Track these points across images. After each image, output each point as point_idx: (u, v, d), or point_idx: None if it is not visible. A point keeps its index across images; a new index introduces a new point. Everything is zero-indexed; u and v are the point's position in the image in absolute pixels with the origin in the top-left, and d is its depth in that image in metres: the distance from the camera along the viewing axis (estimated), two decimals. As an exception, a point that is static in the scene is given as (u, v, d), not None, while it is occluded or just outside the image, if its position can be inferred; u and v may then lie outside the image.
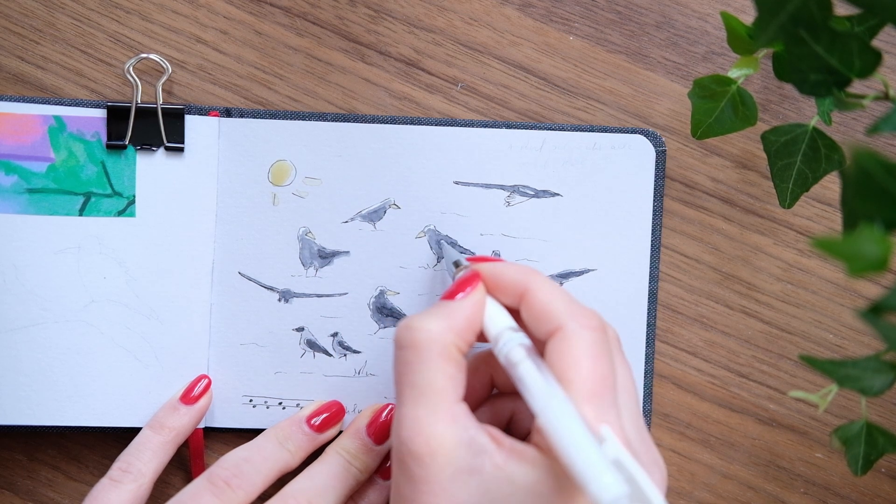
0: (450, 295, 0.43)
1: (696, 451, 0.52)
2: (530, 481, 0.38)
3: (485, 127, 0.51)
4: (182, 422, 0.49)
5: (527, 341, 0.41)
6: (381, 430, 0.50)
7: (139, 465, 0.48)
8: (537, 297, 0.42)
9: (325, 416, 0.50)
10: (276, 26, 0.52)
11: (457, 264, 0.46)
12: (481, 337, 0.43)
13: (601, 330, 0.41)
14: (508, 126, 0.51)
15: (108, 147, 0.50)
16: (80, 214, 0.50)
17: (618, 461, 0.37)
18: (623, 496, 0.35)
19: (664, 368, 0.52)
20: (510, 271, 0.44)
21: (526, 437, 0.42)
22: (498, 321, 0.43)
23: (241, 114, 0.51)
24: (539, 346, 0.42)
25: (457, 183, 0.51)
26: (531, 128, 0.51)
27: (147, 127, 0.50)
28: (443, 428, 0.39)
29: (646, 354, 0.51)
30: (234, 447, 0.49)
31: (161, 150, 0.50)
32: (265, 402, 0.51)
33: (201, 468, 0.51)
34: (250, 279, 0.51)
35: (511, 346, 0.41)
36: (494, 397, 0.48)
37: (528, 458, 0.39)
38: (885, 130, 0.35)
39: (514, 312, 0.43)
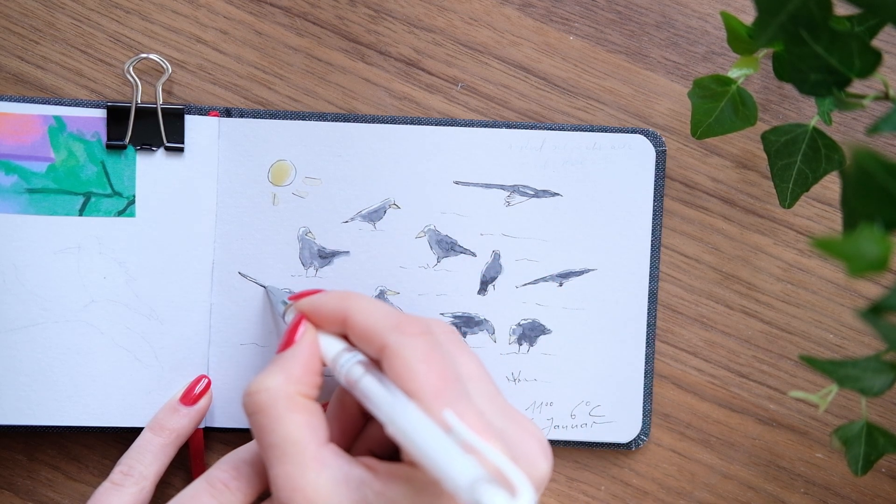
0: (283, 346, 0.43)
1: (696, 451, 0.52)
2: (409, 497, 0.39)
3: (485, 127, 0.51)
4: (182, 423, 0.49)
5: (361, 357, 0.41)
6: None
7: (140, 468, 0.48)
8: (357, 320, 0.42)
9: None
10: (276, 26, 0.52)
11: (284, 304, 0.46)
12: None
13: (426, 334, 0.41)
14: (508, 126, 0.51)
15: (108, 147, 0.50)
16: (80, 214, 0.50)
17: (466, 443, 0.37)
18: (479, 478, 0.35)
19: (664, 368, 0.52)
20: (327, 302, 0.43)
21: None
22: (331, 348, 0.43)
23: (241, 114, 0.51)
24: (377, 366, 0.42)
25: (457, 183, 0.51)
26: (531, 128, 0.51)
27: (147, 127, 0.50)
28: (315, 476, 0.39)
29: (646, 354, 0.51)
30: (234, 447, 0.49)
31: (161, 150, 0.50)
32: (265, 402, 0.51)
33: (201, 468, 0.51)
34: (250, 279, 0.51)
35: (348, 366, 0.41)
36: (370, 425, 0.47)
37: (402, 475, 0.39)
38: (885, 130, 0.35)
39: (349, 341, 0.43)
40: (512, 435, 0.41)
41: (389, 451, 0.45)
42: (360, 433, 0.46)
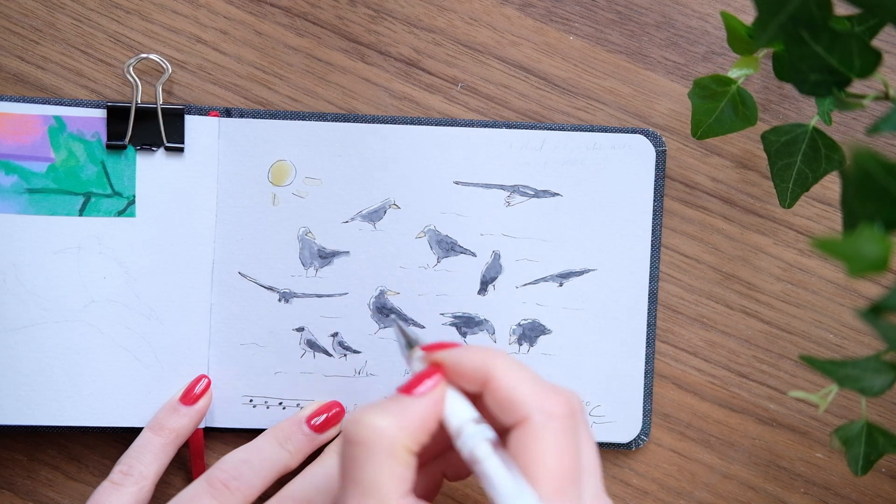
0: (407, 388, 0.41)
1: (696, 451, 0.52)
2: None
3: (485, 127, 0.51)
4: (182, 423, 0.49)
5: (491, 434, 0.40)
6: None
7: (140, 468, 0.48)
8: (500, 384, 0.40)
9: (325, 416, 0.50)
10: (276, 26, 0.52)
11: (410, 344, 0.44)
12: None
13: (568, 417, 0.40)
14: (508, 126, 0.51)
15: (108, 147, 0.50)
16: (80, 214, 0.50)
17: None
18: None
19: (664, 368, 0.52)
20: (471, 358, 0.41)
21: None
22: (459, 413, 0.41)
23: (241, 114, 0.51)
24: (501, 431, 0.41)
25: (457, 183, 0.51)
26: (531, 128, 0.51)
27: (147, 127, 0.50)
28: None
29: (646, 354, 0.51)
30: (235, 447, 0.49)
31: (161, 151, 0.50)
32: (265, 402, 0.51)
33: (202, 468, 0.51)
34: (250, 279, 0.51)
35: (475, 441, 0.40)
36: (452, 453, 0.46)
37: None
38: (885, 130, 0.35)
39: (475, 397, 0.42)
40: None
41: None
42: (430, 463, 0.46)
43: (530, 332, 0.51)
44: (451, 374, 0.42)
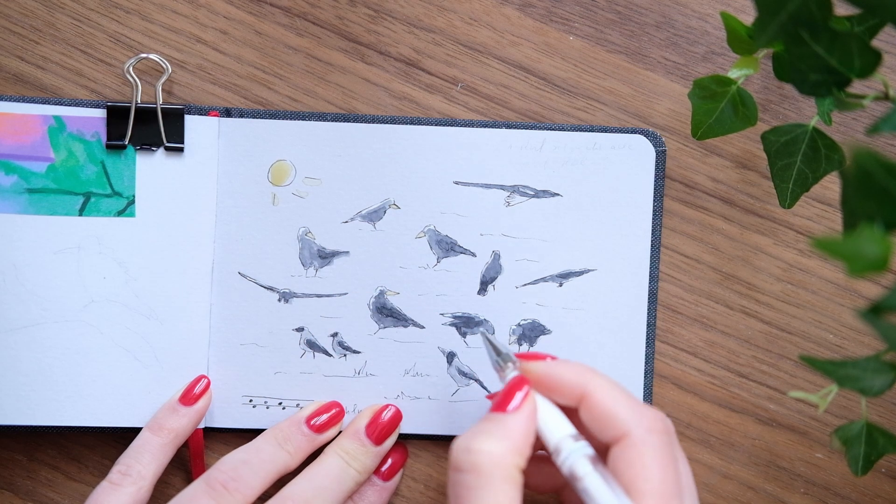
0: (500, 406, 0.41)
1: (696, 451, 0.52)
2: None
3: (485, 127, 0.51)
4: (181, 423, 0.49)
5: (590, 451, 0.40)
6: (380, 430, 0.50)
7: (139, 468, 0.48)
8: (599, 400, 0.41)
9: (325, 416, 0.50)
10: (276, 26, 0.52)
11: (504, 359, 0.44)
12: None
13: (666, 433, 0.41)
14: (508, 126, 0.51)
15: (108, 147, 0.50)
16: (80, 214, 0.50)
17: None
18: None
19: (664, 368, 0.52)
20: (567, 373, 0.42)
21: None
22: (556, 429, 0.41)
23: (241, 114, 0.51)
24: (596, 445, 0.41)
25: (457, 183, 0.51)
26: (531, 128, 0.51)
27: (147, 127, 0.50)
28: None
29: (646, 354, 0.51)
30: (234, 447, 0.49)
31: (161, 150, 0.50)
32: (265, 402, 0.51)
33: (201, 469, 0.51)
34: (250, 279, 0.51)
35: (575, 457, 0.40)
36: (545, 461, 0.47)
37: None
38: (885, 130, 0.35)
39: (568, 411, 0.42)
40: None
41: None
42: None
43: (530, 332, 0.51)
44: (545, 387, 0.42)
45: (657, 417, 0.41)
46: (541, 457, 0.46)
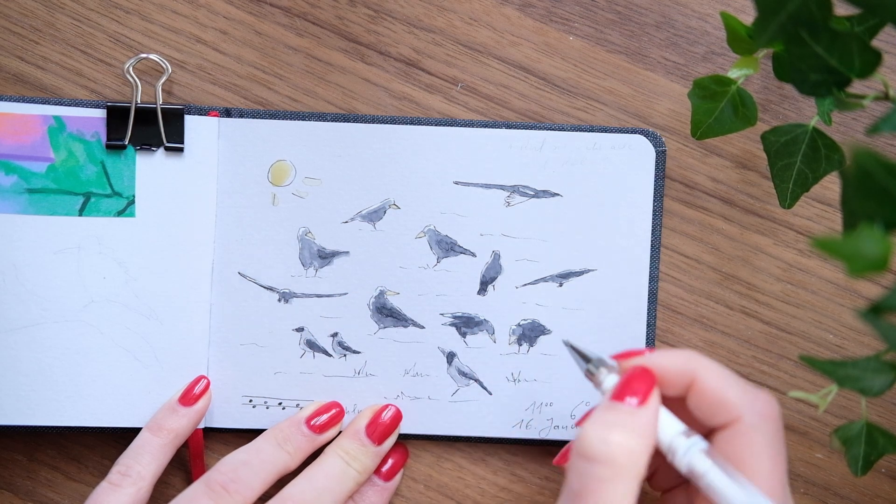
0: (619, 395, 0.40)
1: (696, 451, 0.52)
2: None
3: (485, 127, 0.51)
4: (181, 423, 0.49)
5: (704, 444, 0.40)
6: (380, 430, 0.50)
7: (138, 468, 0.48)
8: (709, 385, 0.40)
9: (325, 417, 0.50)
10: (276, 26, 0.52)
11: (595, 364, 0.43)
12: None
13: (777, 419, 0.40)
14: (508, 126, 0.51)
15: (108, 147, 0.50)
16: (80, 214, 0.50)
17: None
18: None
19: (664, 368, 0.52)
20: (674, 362, 0.41)
21: (664, 494, 0.43)
22: (665, 426, 0.41)
23: (241, 114, 0.51)
24: (700, 429, 0.41)
25: (457, 183, 0.51)
26: (531, 128, 0.51)
27: (147, 127, 0.50)
28: None
29: (646, 354, 0.51)
30: (234, 448, 0.49)
31: (161, 151, 0.50)
32: (265, 402, 0.51)
33: (201, 469, 0.51)
34: (250, 279, 0.51)
35: (692, 453, 0.40)
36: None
37: None
38: (885, 130, 0.35)
39: (670, 400, 0.42)
40: None
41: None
42: None
43: (530, 332, 0.51)
44: (656, 376, 0.42)
45: (769, 402, 0.40)
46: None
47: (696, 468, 0.40)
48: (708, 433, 0.41)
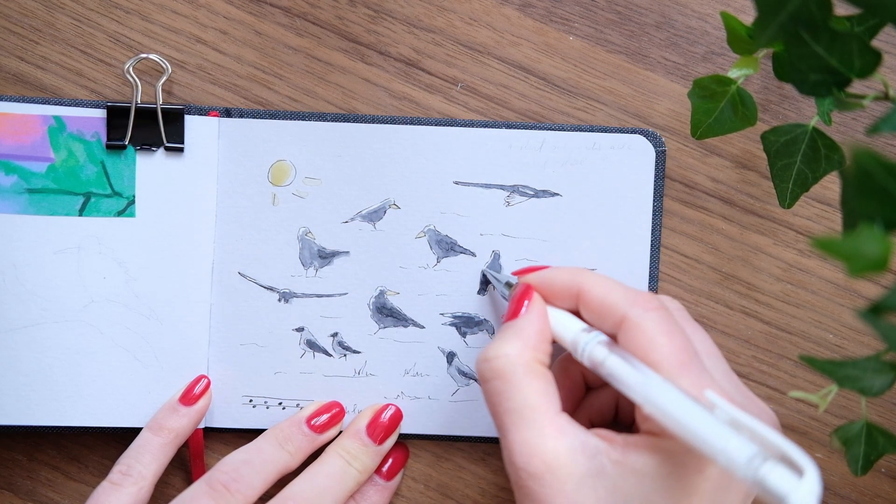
0: (511, 315, 0.44)
1: (696, 451, 0.52)
2: (654, 466, 0.39)
3: (485, 127, 0.51)
4: (181, 423, 0.49)
5: (603, 338, 0.42)
6: (381, 430, 0.50)
7: (139, 468, 0.48)
8: (593, 294, 0.43)
9: (325, 416, 0.50)
10: (276, 26, 0.52)
11: (509, 285, 0.47)
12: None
13: (662, 309, 0.42)
14: (508, 126, 0.51)
15: (108, 147, 0.50)
16: (80, 214, 0.50)
17: (734, 421, 0.37)
18: (755, 455, 0.35)
19: (664, 368, 0.52)
20: (560, 276, 0.44)
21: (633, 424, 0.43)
22: (568, 326, 0.43)
23: (241, 114, 0.51)
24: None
25: (457, 183, 0.51)
26: (531, 128, 0.51)
27: (147, 127, 0.50)
28: (553, 442, 0.40)
29: (646, 354, 0.51)
30: (234, 447, 0.49)
31: (161, 151, 0.50)
32: (265, 402, 0.51)
33: (201, 469, 0.51)
34: (250, 279, 0.51)
35: (591, 346, 0.42)
36: (591, 395, 0.48)
37: (645, 445, 0.40)
38: (885, 130, 0.35)
39: (574, 314, 0.44)
40: (752, 412, 0.41)
41: (607, 421, 0.47)
42: (580, 402, 0.48)
43: (530, 332, 0.51)
44: (545, 294, 0.45)
45: (650, 297, 0.42)
46: (589, 391, 0.48)
47: (596, 358, 0.41)
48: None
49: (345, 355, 0.51)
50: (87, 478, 0.52)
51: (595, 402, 0.48)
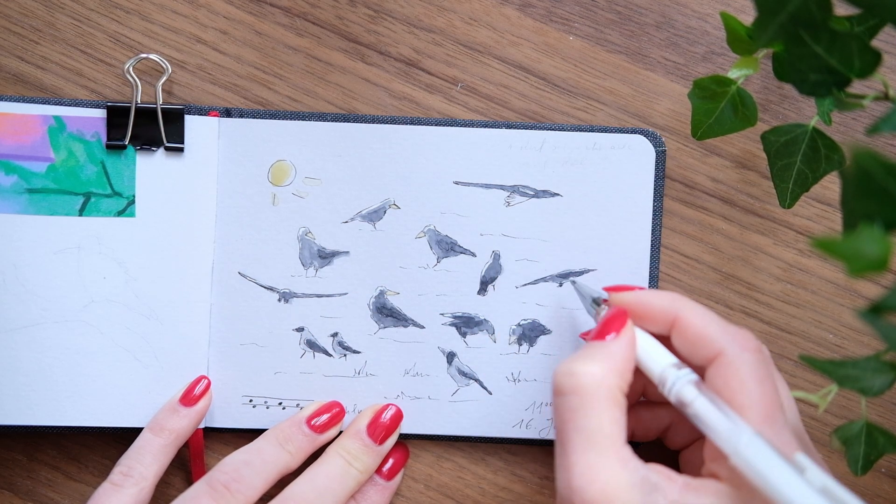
0: (600, 335, 0.43)
1: (696, 451, 0.52)
2: None
3: (485, 127, 0.51)
4: (182, 424, 0.49)
5: (694, 376, 0.42)
6: (381, 430, 0.50)
7: (140, 469, 0.48)
8: (691, 323, 0.42)
9: (325, 416, 0.50)
10: (276, 26, 0.52)
11: (597, 302, 0.47)
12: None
13: (759, 351, 0.42)
14: (508, 126, 0.51)
15: (108, 147, 0.50)
16: (80, 214, 0.50)
17: (826, 489, 0.37)
18: None
19: (664, 368, 0.52)
20: (658, 300, 0.44)
21: (682, 452, 0.44)
22: (657, 359, 0.43)
23: (241, 114, 0.51)
24: (695, 371, 0.42)
25: (457, 183, 0.51)
26: (531, 128, 0.51)
27: (147, 127, 0.50)
28: (616, 472, 0.39)
29: (646, 354, 0.51)
30: (235, 448, 0.49)
31: (161, 151, 0.50)
32: (265, 402, 0.51)
33: (201, 469, 0.51)
34: (250, 279, 0.51)
35: (680, 384, 0.41)
36: (643, 408, 0.48)
37: (709, 490, 0.39)
38: (885, 130, 0.35)
39: (662, 339, 0.44)
40: None
41: (653, 439, 0.47)
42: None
43: (530, 332, 0.51)
44: (638, 315, 0.44)
45: (748, 337, 0.42)
46: (643, 403, 0.48)
47: (684, 398, 0.41)
48: (699, 373, 0.43)
49: (345, 355, 0.51)
50: (87, 478, 0.52)
51: (643, 418, 0.48)
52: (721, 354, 0.41)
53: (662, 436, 0.49)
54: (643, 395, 0.49)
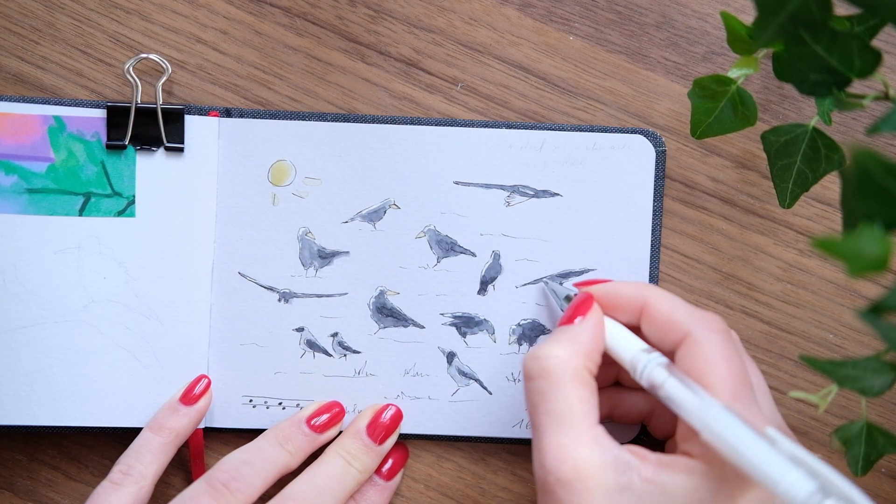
0: (568, 320, 0.44)
1: (696, 451, 0.52)
2: (685, 488, 0.39)
3: (485, 127, 0.51)
4: (182, 423, 0.49)
5: (663, 359, 0.42)
6: (381, 430, 0.50)
7: (140, 468, 0.48)
8: (658, 308, 0.43)
9: (325, 416, 0.50)
10: (276, 26, 0.52)
11: (568, 298, 0.47)
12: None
13: (726, 332, 0.42)
14: (508, 126, 0.51)
15: (108, 147, 0.50)
16: (80, 214, 0.50)
17: (795, 457, 0.38)
18: (814, 490, 0.36)
19: (664, 368, 0.52)
20: (625, 289, 0.45)
21: (667, 442, 0.45)
22: (627, 345, 0.44)
23: (241, 114, 0.51)
24: (665, 356, 0.43)
25: (457, 183, 0.51)
26: (531, 128, 0.51)
27: (147, 127, 0.50)
28: (587, 451, 0.40)
29: (646, 354, 0.52)
30: (234, 447, 0.49)
31: (161, 151, 0.50)
32: (265, 402, 0.51)
33: (201, 469, 0.51)
34: (250, 279, 0.51)
35: (651, 368, 0.42)
36: (620, 394, 0.49)
37: (681, 467, 0.40)
38: (885, 130, 0.35)
39: (633, 329, 0.44)
40: None
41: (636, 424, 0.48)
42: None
43: (530, 332, 0.51)
44: (607, 305, 0.45)
45: (716, 319, 0.43)
46: (620, 388, 0.49)
47: (655, 380, 0.42)
48: (670, 358, 0.43)
49: (345, 355, 0.51)
50: (87, 478, 0.52)
51: (622, 405, 0.49)
52: (688, 336, 0.42)
53: (647, 424, 0.50)
54: (619, 383, 0.49)
